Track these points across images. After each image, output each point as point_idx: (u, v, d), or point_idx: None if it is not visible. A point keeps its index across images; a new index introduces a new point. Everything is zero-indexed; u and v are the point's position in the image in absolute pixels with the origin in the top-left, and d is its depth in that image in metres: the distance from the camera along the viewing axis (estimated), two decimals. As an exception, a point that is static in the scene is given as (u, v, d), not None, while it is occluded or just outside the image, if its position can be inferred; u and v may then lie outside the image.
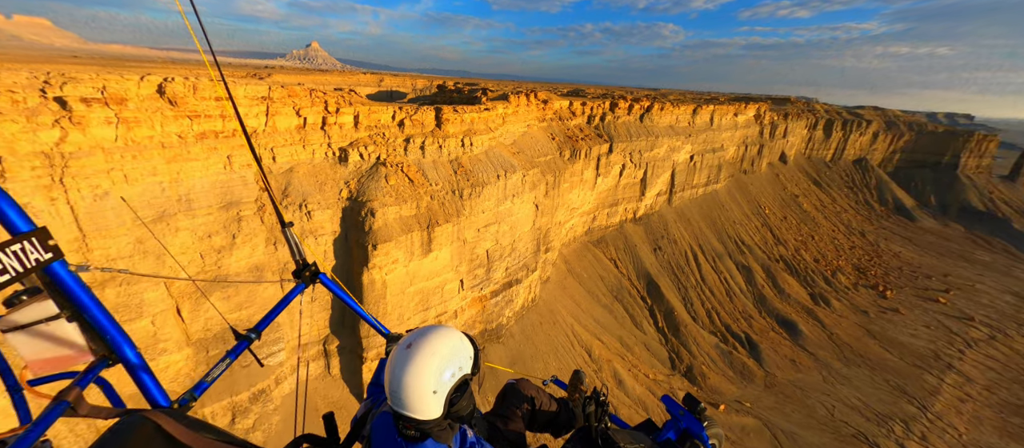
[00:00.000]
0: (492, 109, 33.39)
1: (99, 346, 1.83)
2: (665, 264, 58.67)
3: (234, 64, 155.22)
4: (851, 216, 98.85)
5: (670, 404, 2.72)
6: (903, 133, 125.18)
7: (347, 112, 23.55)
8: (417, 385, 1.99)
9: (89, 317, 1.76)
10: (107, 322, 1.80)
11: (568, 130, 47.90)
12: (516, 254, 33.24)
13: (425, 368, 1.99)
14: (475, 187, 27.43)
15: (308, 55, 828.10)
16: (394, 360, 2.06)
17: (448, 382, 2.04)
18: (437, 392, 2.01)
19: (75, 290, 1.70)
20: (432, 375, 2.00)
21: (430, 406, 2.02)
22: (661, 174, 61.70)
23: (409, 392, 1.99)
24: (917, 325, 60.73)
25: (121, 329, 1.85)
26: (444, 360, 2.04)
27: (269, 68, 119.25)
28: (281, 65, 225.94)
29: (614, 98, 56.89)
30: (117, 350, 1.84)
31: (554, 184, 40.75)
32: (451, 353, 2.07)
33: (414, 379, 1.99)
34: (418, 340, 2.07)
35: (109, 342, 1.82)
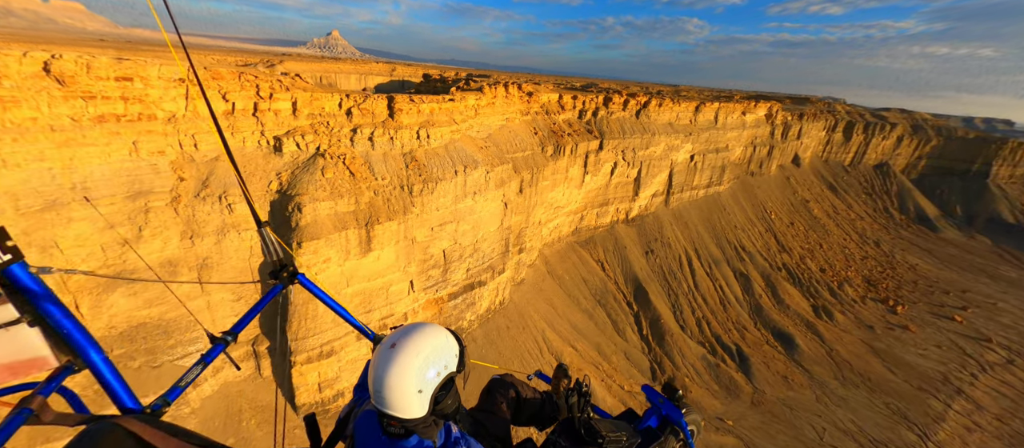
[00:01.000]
0: (461, 100, 31.44)
1: (63, 351, 1.74)
2: (656, 268, 56.05)
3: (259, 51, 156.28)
4: (867, 224, 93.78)
5: (650, 393, 2.78)
6: (930, 138, 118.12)
7: (283, 98, 21.94)
8: (401, 384, 1.97)
9: (52, 321, 1.67)
10: (72, 326, 1.71)
11: (554, 125, 45.57)
12: (480, 255, 31.42)
13: (409, 367, 1.98)
14: (428, 183, 25.63)
15: (328, 43, 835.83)
16: (378, 359, 2.03)
17: (433, 380, 2.02)
18: (422, 391, 1.99)
19: (36, 293, 1.62)
20: (417, 374, 1.99)
21: (415, 405, 2.01)
22: (657, 174, 58.80)
23: (393, 392, 1.98)
24: (927, 344, 56.81)
25: (87, 333, 1.76)
26: (428, 359, 2.02)
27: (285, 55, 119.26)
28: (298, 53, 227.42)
29: (608, 92, 54.12)
30: (83, 355, 1.75)
31: (531, 181, 38.66)
32: (436, 351, 2.06)
33: (398, 379, 1.97)
34: (402, 339, 2.04)
35: (74, 347, 1.73)
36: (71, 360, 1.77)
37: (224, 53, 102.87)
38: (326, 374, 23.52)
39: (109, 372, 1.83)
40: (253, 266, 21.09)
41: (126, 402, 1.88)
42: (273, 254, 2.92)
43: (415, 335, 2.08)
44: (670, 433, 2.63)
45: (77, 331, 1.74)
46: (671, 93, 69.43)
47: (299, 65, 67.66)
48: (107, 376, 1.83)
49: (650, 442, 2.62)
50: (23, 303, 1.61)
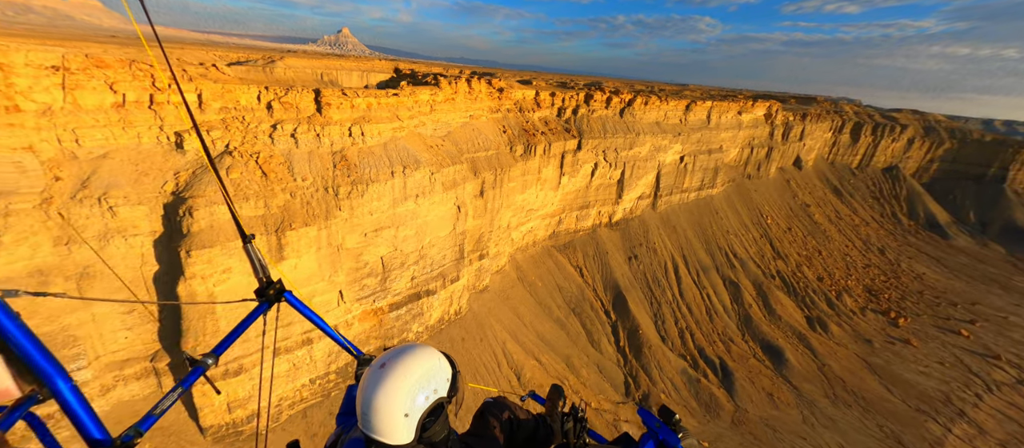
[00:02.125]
0: (409, 95, 29.21)
1: (27, 380, 1.64)
2: (639, 275, 53.33)
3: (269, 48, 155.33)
4: (872, 230, 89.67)
5: (646, 416, 2.73)
6: (943, 140, 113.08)
7: (184, 89, 19.87)
8: (388, 408, 1.91)
9: (15, 348, 1.58)
10: (37, 353, 1.62)
11: (527, 123, 43.13)
12: (427, 262, 29.20)
13: (397, 390, 1.92)
14: (357, 185, 23.45)
15: (338, 41, 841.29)
16: (366, 381, 1.98)
17: (421, 406, 1.97)
18: (409, 416, 1.94)
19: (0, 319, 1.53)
20: (404, 398, 1.93)
21: (401, 430, 1.95)
22: (643, 176, 56.02)
23: (379, 415, 1.92)
24: (930, 360, 53.29)
25: (54, 360, 1.68)
26: (418, 382, 1.97)
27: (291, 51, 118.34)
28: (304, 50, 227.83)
29: (590, 89, 51.46)
30: (49, 383, 1.66)
31: (494, 183, 36.33)
32: (425, 375, 2.00)
33: (385, 402, 1.91)
34: (392, 361, 2.01)
35: (40, 375, 1.64)
36: (36, 389, 1.66)
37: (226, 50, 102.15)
38: (236, 393, 21.51)
39: (76, 401, 1.73)
40: (146, 275, 19.10)
41: (94, 434, 1.78)
42: (259, 271, 2.85)
43: (405, 357, 2.02)
44: None
45: (43, 358, 1.64)
46: (658, 91, 66.41)
47: (301, 61, 66.27)
48: (74, 406, 1.73)
49: None
50: None
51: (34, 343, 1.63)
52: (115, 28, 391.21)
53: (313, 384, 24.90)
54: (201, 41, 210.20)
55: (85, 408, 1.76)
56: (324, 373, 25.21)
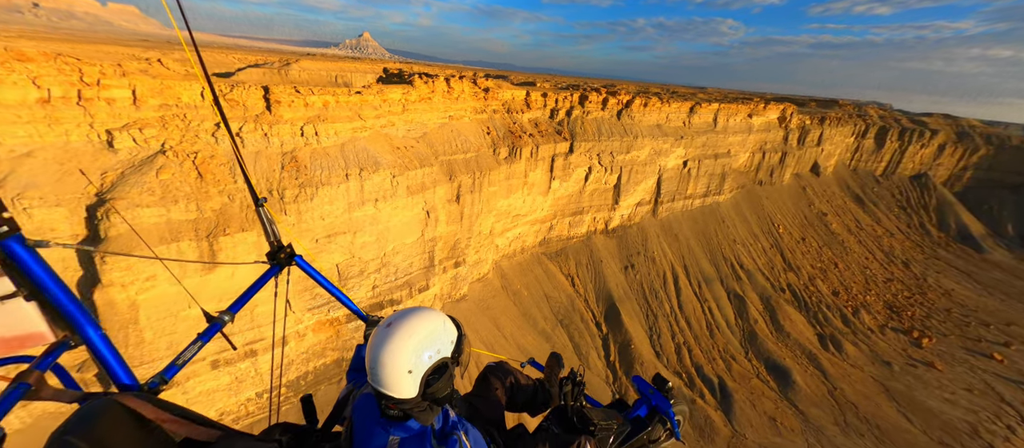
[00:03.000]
0: (377, 94, 27.77)
1: (60, 327, 1.72)
2: (636, 286, 50.62)
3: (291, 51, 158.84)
4: (897, 242, 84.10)
5: (640, 383, 2.97)
6: (978, 146, 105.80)
7: (116, 85, 18.83)
8: (393, 363, 1.99)
9: (49, 296, 1.64)
10: (69, 301, 1.68)
11: (514, 125, 41.26)
12: (391, 270, 27.61)
13: (402, 347, 2.00)
14: (306, 188, 22.02)
15: (359, 45, 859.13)
16: (374, 339, 2.07)
17: (425, 363, 2.03)
18: (412, 372, 2.00)
19: (33, 267, 1.59)
20: (408, 355, 2.00)
21: (405, 385, 2.01)
22: (642, 181, 53.34)
23: (385, 370, 1.99)
24: (956, 386, 48.70)
25: (84, 309, 1.74)
26: (422, 341, 2.04)
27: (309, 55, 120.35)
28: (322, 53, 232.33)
29: (585, 90, 49.25)
30: (80, 331, 1.73)
31: (473, 186, 34.57)
32: (430, 335, 2.07)
33: (391, 357, 1.99)
34: (398, 320, 2.08)
35: (71, 322, 1.71)
36: (68, 335, 1.74)
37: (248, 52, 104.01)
38: (169, 407, 20.20)
39: (106, 349, 1.80)
40: (68, 281, 17.94)
41: (123, 379, 1.84)
42: (270, 235, 2.94)
43: (412, 317, 2.09)
44: (658, 421, 2.74)
45: (74, 307, 1.70)
46: (660, 92, 63.52)
47: (315, 64, 66.78)
48: (104, 353, 1.79)
49: (639, 430, 2.74)
50: (20, 277, 1.57)
51: (66, 292, 1.67)
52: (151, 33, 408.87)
53: (260, 399, 23.54)
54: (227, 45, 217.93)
55: (114, 354, 1.81)
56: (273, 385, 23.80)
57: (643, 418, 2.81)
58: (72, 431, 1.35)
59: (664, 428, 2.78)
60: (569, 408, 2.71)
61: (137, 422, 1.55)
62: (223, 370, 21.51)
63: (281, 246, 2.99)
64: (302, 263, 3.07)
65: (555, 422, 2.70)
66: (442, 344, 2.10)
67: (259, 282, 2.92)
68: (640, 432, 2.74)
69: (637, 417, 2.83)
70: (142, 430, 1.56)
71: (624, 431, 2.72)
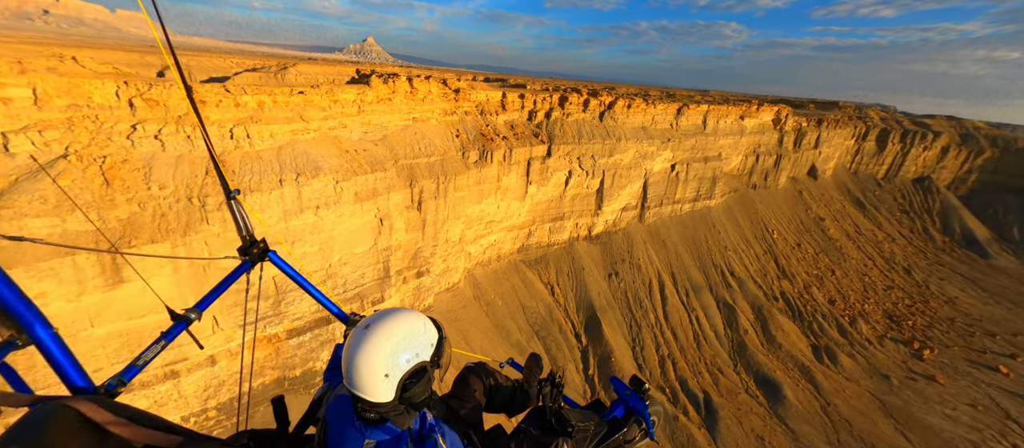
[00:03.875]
0: (327, 94, 26.12)
1: (5, 324, 1.62)
2: (619, 294, 48.53)
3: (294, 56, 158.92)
4: (899, 247, 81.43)
5: (618, 385, 2.97)
6: (983, 149, 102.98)
7: (14, 84, 17.24)
8: (369, 367, 1.93)
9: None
10: (13, 298, 1.59)
11: (486, 127, 39.52)
12: (338, 281, 25.82)
13: (378, 350, 1.94)
14: (233, 194, 20.21)
15: (363, 50, 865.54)
16: (351, 340, 2.02)
17: (402, 367, 1.98)
18: (389, 376, 1.95)
19: None
20: (385, 358, 1.94)
21: (381, 389, 1.96)
22: (627, 185, 51.38)
23: (361, 373, 1.94)
24: (958, 402, 46.12)
25: (32, 305, 1.64)
26: (399, 344, 1.98)
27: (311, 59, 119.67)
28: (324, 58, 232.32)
29: (565, 91, 47.48)
30: (28, 330, 1.63)
31: (438, 192, 32.80)
32: (408, 338, 2.01)
33: (366, 360, 1.93)
34: (376, 322, 2.03)
35: (17, 320, 1.61)
36: (14, 335, 1.64)
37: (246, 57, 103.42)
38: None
39: (57, 349, 1.70)
40: None
41: (76, 381, 1.75)
42: (243, 229, 2.85)
43: (390, 319, 2.04)
44: (634, 422, 2.76)
45: (21, 304, 1.61)
46: (645, 94, 61.63)
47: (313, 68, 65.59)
48: (55, 353, 1.70)
49: (615, 431, 2.75)
50: None
51: (11, 288, 1.59)
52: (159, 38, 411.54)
53: (186, 423, 21.74)
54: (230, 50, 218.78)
55: (66, 355, 1.73)
56: (199, 410, 22.04)
57: (619, 419, 2.81)
58: (18, 439, 1.24)
59: (639, 428, 2.79)
60: (547, 409, 2.72)
61: (91, 428, 1.44)
62: (138, 394, 19.75)
63: (254, 241, 2.89)
64: (276, 259, 3.03)
65: (533, 423, 2.71)
66: (421, 347, 2.05)
67: (230, 278, 2.79)
68: (616, 433, 2.76)
69: (614, 418, 2.83)
70: (96, 437, 1.44)
71: (601, 432, 2.74)
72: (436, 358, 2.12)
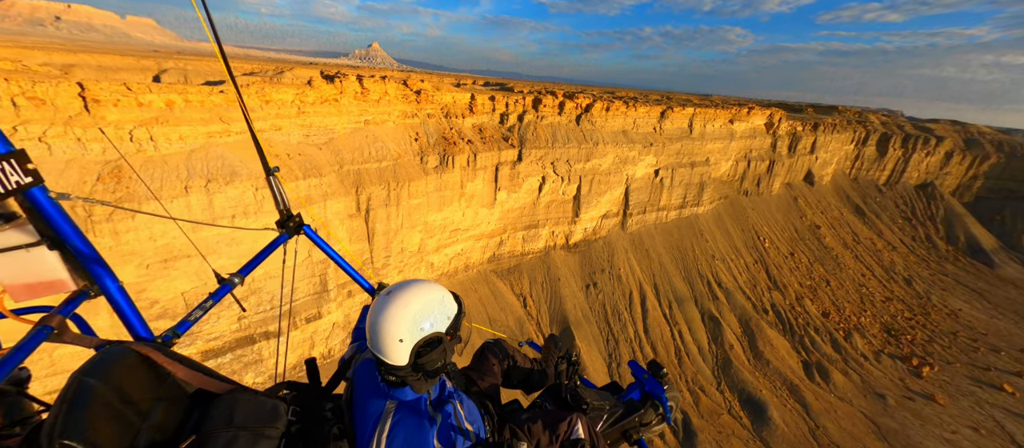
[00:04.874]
0: (257, 94, 24.19)
1: (81, 276, 1.77)
2: (597, 306, 46.09)
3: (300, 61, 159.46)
4: (900, 256, 78.31)
5: (635, 368, 3.04)
6: (988, 154, 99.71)
7: None
8: (386, 331, 2.05)
9: (70, 246, 1.71)
10: (89, 252, 1.75)
11: (449, 131, 37.49)
12: (264, 297, 23.73)
13: (395, 316, 2.05)
14: (127, 202, 18.28)
15: (368, 55, 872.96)
16: (374, 305, 2.13)
17: (416, 335, 2.07)
18: (403, 341, 2.06)
19: (55, 217, 1.66)
20: (400, 324, 2.04)
21: (397, 352, 2.07)
22: (606, 191, 49.09)
23: (379, 336, 2.06)
24: (959, 424, 43.08)
25: (103, 261, 1.79)
26: (416, 313, 2.08)
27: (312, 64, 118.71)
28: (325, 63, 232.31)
29: (539, 94, 45.43)
30: (99, 281, 1.79)
31: (389, 199, 30.74)
32: (425, 309, 2.10)
33: (385, 325, 2.05)
34: (398, 290, 2.14)
35: (91, 273, 1.76)
36: (87, 285, 1.79)
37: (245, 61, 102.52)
38: None
39: (123, 301, 1.86)
40: None
41: (139, 330, 1.93)
42: (281, 203, 3.10)
43: (412, 288, 2.14)
44: (650, 405, 2.82)
45: (94, 258, 1.75)
46: (626, 96, 59.42)
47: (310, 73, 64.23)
48: (122, 304, 1.86)
49: (631, 413, 2.83)
50: (44, 226, 1.63)
51: (86, 244, 1.73)
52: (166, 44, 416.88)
53: None
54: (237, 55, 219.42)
55: (131, 307, 1.89)
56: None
57: (636, 401, 2.86)
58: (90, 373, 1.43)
59: (656, 412, 2.82)
60: (563, 387, 2.79)
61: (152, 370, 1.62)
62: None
63: (290, 215, 3.12)
64: (310, 232, 3.24)
65: (549, 399, 2.84)
66: (436, 318, 2.13)
67: (268, 249, 2.97)
68: (632, 414, 2.81)
69: (630, 400, 2.88)
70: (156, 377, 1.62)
71: (616, 412, 2.80)
72: (452, 330, 2.19)
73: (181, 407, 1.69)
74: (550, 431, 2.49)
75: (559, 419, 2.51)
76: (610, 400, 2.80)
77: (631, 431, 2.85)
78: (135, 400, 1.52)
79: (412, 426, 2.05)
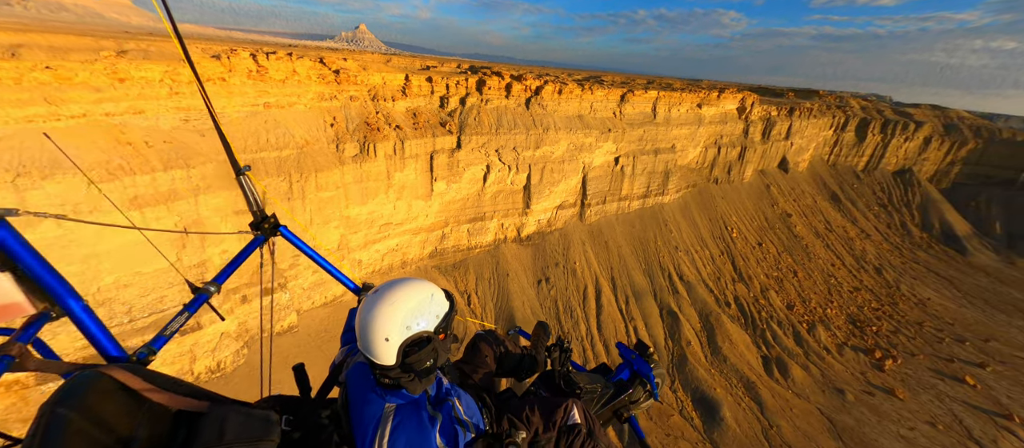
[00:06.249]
0: (107, 71, 20.63)
1: (39, 298, 1.66)
2: (548, 303, 43.68)
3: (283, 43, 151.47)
4: (873, 244, 77.06)
5: (623, 349, 3.13)
6: (966, 139, 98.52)
7: None
8: (373, 331, 2.02)
9: (24, 267, 1.58)
10: (45, 272, 1.63)
11: (376, 115, 34.07)
12: (120, 307, 20.65)
13: (382, 316, 2.02)
14: None
15: (355, 37, 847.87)
16: (362, 305, 2.12)
17: (403, 334, 2.03)
18: (389, 340, 2.02)
19: (4, 238, 1.54)
20: (387, 324, 2.01)
21: (383, 352, 2.04)
22: (561, 180, 46.20)
23: (367, 337, 2.04)
24: (917, 420, 41.93)
25: (63, 279, 1.68)
26: (404, 313, 2.03)
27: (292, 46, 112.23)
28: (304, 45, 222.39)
29: (484, 74, 41.94)
30: (60, 302, 1.68)
31: (293, 193, 27.53)
32: (414, 307, 2.07)
33: (372, 325, 2.02)
34: (385, 289, 2.11)
35: (50, 293, 1.66)
36: (47, 307, 1.69)
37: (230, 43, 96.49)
38: None
39: (89, 320, 1.76)
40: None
41: (110, 351, 1.82)
42: (254, 205, 2.88)
43: (399, 287, 2.10)
44: (639, 383, 2.93)
45: (52, 277, 1.65)
46: (582, 79, 56.08)
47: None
48: (88, 324, 1.76)
49: (621, 392, 2.94)
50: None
51: (42, 263, 1.62)
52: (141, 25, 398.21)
53: None
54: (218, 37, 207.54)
55: (98, 326, 1.78)
56: None
57: (625, 381, 2.95)
58: (62, 403, 1.32)
59: (644, 390, 2.91)
60: (556, 373, 2.84)
61: (127, 394, 1.52)
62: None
63: (265, 216, 2.91)
64: (287, 233, 3.03)
65: (543, 386, 2.87)
66: (425, 318, 2.09)
67: (243, 253, 2.85)
68: (622, 394, 2.89)
69: (620, 380, 2.96)
70: (134, 401, 1.53)
71: (607, 393, 2.89)
72: (443, 328, 2.14)
73: (166, 429, 1.56)
74: (546, 418, 2.49)
75: (555, 405, 2.53)
76: (601, 382, 2.83)
77: (622, 410, 2.98)
78: (114, 427, 1.39)
79: (413, 427, 2.01)
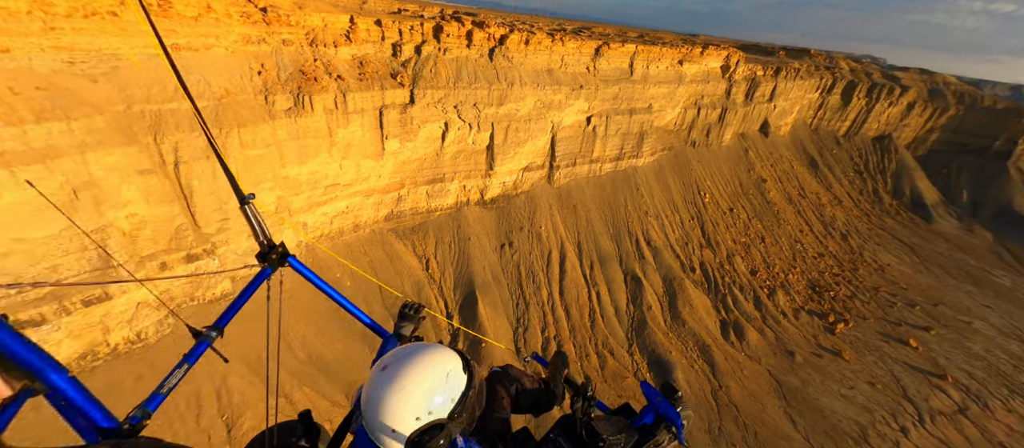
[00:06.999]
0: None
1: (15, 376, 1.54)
2: (511, 268, 42.87)
3: None
4: (842, 210, 77.89)
5: (648, 390, 2.87)
6: (949, 106, 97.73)
7: None
8: (379, 418, 1.81)
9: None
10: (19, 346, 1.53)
11: (314, 63, 30.51)
12: (6, 277, 18.53)
13: (390, 405, 1.79)
14: None
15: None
16: (369, 380, 1.91)
17: (412, 426, 1.82)
18: (396, 432, 1.82)
19: None
20: (394, 415, 1.79)
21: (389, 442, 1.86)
22: (527, 140, 43.75)
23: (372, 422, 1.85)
24: (858, 380, 44.07)
25: (42, 352, 1.59)
26: (414, 401, 1.80)
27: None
28: None
29: (440, 19, 37.87)
30: (40, 377, 1.57)
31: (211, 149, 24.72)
32: (426, 392, 1.83)
33: (377, 410, 1.81)
34: (396, 365, 1.87)
35: (27, 369, 1.55)
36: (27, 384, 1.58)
37: None
38: None
39: (75, 393, 1.67)
40: None
41: (99, 422, 1.72)
42: (260, 234, 2.73)
43: (411, 365, 1.87)
44: (664, 428, 2.74)
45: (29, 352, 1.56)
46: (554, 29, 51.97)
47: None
48: (73, 396, 1.66)
49: (646, 438, 2.73)
50: None
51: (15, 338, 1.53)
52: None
53: None
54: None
55: (85, 397, 1.69)
56: None
57: (649, 425, 2.74)
58: None
59: (669, 433, 2.71)
60: (578, 421, 2.66)
61: None
62: None
63: (272, 246, 2.75)
64: (296, 263, 2.85)
65: (562, 435, 2.66)
66: (437, 404, 1.84)
67: (250, 287, 2.63)
68: (647, 440, 2.69)
69: (644, 425, 2.77)
70: None
71: (632, 441, 2.68)
72: (458, 411, 1.93)
73: None
74: None
75: None
76: (626, 428, 2.64)
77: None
78: None
79: None
